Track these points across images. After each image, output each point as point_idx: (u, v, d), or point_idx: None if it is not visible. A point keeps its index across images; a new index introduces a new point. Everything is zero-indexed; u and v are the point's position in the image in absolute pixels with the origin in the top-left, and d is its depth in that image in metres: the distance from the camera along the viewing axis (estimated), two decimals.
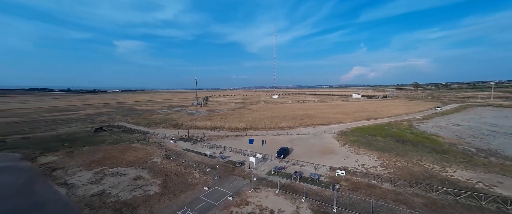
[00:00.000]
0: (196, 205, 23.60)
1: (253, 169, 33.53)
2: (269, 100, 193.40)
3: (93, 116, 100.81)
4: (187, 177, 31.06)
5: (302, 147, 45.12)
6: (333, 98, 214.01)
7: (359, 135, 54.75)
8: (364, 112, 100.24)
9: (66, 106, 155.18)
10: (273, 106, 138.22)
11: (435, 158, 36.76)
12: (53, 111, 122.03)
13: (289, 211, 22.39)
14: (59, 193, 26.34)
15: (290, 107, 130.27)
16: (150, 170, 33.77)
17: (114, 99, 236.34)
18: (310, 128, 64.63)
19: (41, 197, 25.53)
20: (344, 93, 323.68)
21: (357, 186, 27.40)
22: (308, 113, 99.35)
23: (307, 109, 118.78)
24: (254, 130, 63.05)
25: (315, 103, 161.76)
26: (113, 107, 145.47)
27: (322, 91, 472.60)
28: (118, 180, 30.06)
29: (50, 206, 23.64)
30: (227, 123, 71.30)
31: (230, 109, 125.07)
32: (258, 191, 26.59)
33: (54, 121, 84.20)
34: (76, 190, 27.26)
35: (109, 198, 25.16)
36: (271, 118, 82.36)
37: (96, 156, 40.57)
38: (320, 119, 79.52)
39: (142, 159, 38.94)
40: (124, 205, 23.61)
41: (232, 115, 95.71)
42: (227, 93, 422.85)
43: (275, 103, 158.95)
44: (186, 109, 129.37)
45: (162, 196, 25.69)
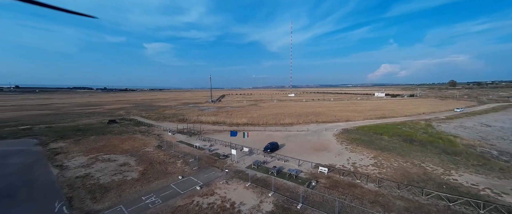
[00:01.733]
0: (163, 192, 23.89)
1: (234, 162, 32.96)
2: (283, 99, 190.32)
3: (114, 110, 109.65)
4: (168, 166, 31.74)
5: (295, 143, 43.19)
6: (352, 97, 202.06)
7: (363, 133, 50.59)
8: (380, 110, 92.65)
9: (95, 102, 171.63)
10: (284, 104, 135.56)
11: (441, 160, 32.11)
12: (83, 106, 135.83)
13: (251, 204, 21.37)
14: (51, 174, 28.91)
15: (302, 105, 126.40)
16: (138, 158, 35.29)
17: (139, 97, 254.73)
18: (313, 125, 61.72)
19: (35, 175, 28.30)
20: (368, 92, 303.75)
21: (337, 184, 25.12)
22: (318, 110, 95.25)
23: (318, 106, 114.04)
24: (254, 126, 62.30)
25: (330, 101, 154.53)
26: (135, 103, 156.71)
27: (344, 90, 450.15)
28: (106, 165, 31.95)
29: (37, 183, 26.03)
30: (229, 119, 71.66)
31: (240, 106, 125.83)
32: (229, 183, 25.97)
33: (80, 114, 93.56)
34: (66, 171, 29.66)
35: (90, 180, 26.81)
36: (276, 115, 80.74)
37: (98, 144, 43.82)
38: (328, 116, 75.65)
39: (136, 148, 40.94)
40: (99, 187, 24.91)
41: (239, 111, 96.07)
42: (245, 92, 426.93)
43: (288, 102, 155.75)
44: (200, 105, 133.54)
45: (137, 181, 26.57)
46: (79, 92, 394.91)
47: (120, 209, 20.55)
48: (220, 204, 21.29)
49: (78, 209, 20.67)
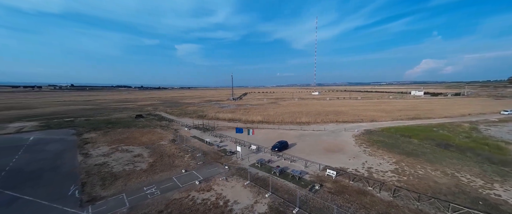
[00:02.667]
0: (164, 184, 24.52)
1: (239, 159, 32.40)
2: (305, 97, 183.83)
3: (144, 106, 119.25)
4: (176, 159, 32.71)
5: (307, 143, 40.75)
6: (383, 96, 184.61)
7: (388, 135, 45.28)
8: (415, 110, 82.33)
9: (131, 98, 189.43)
10: (305, 102, 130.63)
11: (483, 170, 26.60)
12: (120, 102, 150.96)
13: (245, 203, 20.47)
14: (76, 160, 32.25)
15: (324, 103, 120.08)
16: (152, 150, 37.24)
17: (169, 94, 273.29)
18: (331, 125, 57.72)
19: (62, 161, 31.91)
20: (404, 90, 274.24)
21: (344, 190, 22.59)
22: (340, 109, 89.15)
23: (342, 105, 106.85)
24: (268, 123, 61.01)
25: (356, 100, 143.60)
26: (163, 100, 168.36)
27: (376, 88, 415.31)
28: (123, 156, 34.41)
29: (62, 168, 29.25)
30: (245, 116, 71.57)
31: (260, 103, 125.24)
32: (229, 180, 25.47)
33: (115, 109, 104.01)
34: (88, 159, 32.76)
35: (105, 168, 29.08)
36: (293, 113, 77.98)
37: (122, 136, 47.70)
38: (350, 116, 70.10)
39: (153, 141, 43.36)
40: (110, 175, 26.79)
41: (256, 109, 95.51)
42: (268, 90, 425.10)
43: (310, 100, 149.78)
44: (221, 103, 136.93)
45: (144, 172, 27.88)
46: (120, 90, 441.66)
47: (122, 197, 21.67)
48: (214, 201, 20.89)
49: (87, 194, 22.45)
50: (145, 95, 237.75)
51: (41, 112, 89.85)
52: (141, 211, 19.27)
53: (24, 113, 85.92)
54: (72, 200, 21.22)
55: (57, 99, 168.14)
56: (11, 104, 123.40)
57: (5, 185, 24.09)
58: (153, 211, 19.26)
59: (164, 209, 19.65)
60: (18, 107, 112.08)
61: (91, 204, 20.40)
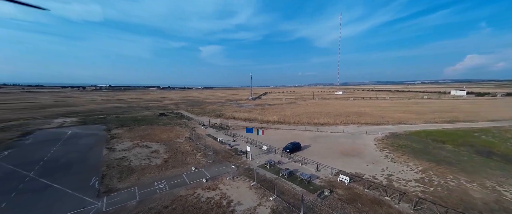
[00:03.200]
0: (173, 180, 25.31)
1: (249, 159, 32.06)
2: (327, 97, 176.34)
3: (168, 105, 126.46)
4: (188, 156, 33.67)
5: (322, 145, 38.69)
6: (417, 96, 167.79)
7: (417, 139, 40.74)
8: (453, 112, 73.03)
9: (157, 98, 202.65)
10: (326, 102, 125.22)
11: None
12: (148, 101, 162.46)
13: (248, 205, 20.00)
14: (101, 154, 35.25)
15: (347, 104, 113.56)
16: (168, 147, 38.97)
17: (192, 94, 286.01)
18: (352, 126, 54.13)
19: (90, 154, 35.15)
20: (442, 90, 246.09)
21: (356, 198, 20.71)
22: (364, 110, 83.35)
23: (366, 106, 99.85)
24: (283, 124, 59.66)
25: (384, 100, 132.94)
26: (186, 99, 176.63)
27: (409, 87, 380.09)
28: (141, 151, 36.62)
29: (89, 160, 32.18)
30: (261, 116, 71.09)
31: (278, 103, 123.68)
32: (235, 180, 25.27)
33: (143, 107, 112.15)
34: (112, 153, 35.57)
35: (124, 162, 31.20)
36: (311, 113, 75.21)
37: (144, 132, 50.99)
38: (374, 117, 65.03)
39: (171, 138, 45.42)
40: (127, 169, 28.61)
41: (274, 108, 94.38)
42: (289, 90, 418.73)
43: (331, 100, 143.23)
44: (240, 102, 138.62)
45: (157, 168, 29.20)
46: (149, 90, 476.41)
47: (134, 191, 22.91)
48: (217, 200, 20.85)
49: (105, 185, 24.25)
50: (170, 95, 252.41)
51: (81, 109, 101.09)
52: (148, 205, 20.09)
53: (67, 110, 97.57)
54: (91, 190, 23.10)
55: (96, 98, 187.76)
56: (59, 102, 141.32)
57: (41, 174, 27.33)
58: (159, 206, 19.93)
59: (170, 204, 20.21)
60: (64, 104, 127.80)
61: (107, 195, 21.94)
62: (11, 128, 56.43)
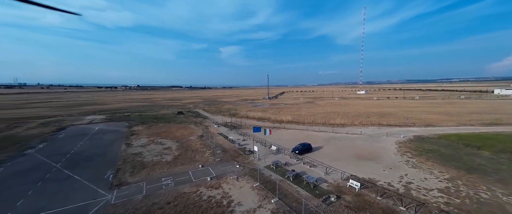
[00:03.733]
0: (180, 177, 25.88)
1: (256, 159, 31.55)
2: (348, 96, 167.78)
3: (187, 104, 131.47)
4: (197, 154, 34.30)
5: (336, 147, 36.58)
6: (452, 95, 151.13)
7: (446, 143, 36.39)
8: (495, 114, 64.14)
9: (178, 97, 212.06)
10: (346, 102, 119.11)
11: None
12: (169, 100, 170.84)
13: (248, 206, 19.51)
14: (119, 149, 37.64)
15: (369, 104, 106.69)
16: (180, 144, 40.21)
17: (211, 94, 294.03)
18: (372, 128, 50.52)
19: (111, 148, 37.73)
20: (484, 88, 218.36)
21: (366, 206, 18.97)
22: (388, 110, 77.39)
23: (391, 106, 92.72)
24: (297, 124, 57.95)
25: (413, 100, 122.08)
26: (205, 98, 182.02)
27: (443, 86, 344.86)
28: (155, 147, 38.32)
29: (108, 154, 34.53)
30: (275, 115, 69.98)
31: (295, 103, 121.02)
32: (239, 180, 24.97)
33: (164, 106, 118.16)
34: (129, 148, 37.79)
35: (138, 158, 32.87)
36: (328, 113, 71.96)
37: (161, 130, 53.47)
38: (398, 118, 60.02)
39: (184, 136, 46.88)
40: (140, 164, 30.03)
41: (289, 108, 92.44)
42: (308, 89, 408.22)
43: (353, 100, 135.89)
44: (256, 101, 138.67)
45: (167, 164, 30.18)
46: (172, 90, 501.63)
47: (142, 185, 23.89)
48: (218, 199, 20.73)
49: (117, 178, 25.72)
50: (190, 94, 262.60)
51: (110, 107, 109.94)
52: (152, 200, 20.74)
53: (98, 108, 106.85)
54: (105, 183, 24.65)
55: (124, 98, 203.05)
56: (93, 101, 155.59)
57: (65, 165, 30.02)
58: (163, 202, 20.45)
59: (172, 201, 20.63)
60: (96, 103, 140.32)
61: (117, 188, 23.21)
62: (50, 123, 63.46)
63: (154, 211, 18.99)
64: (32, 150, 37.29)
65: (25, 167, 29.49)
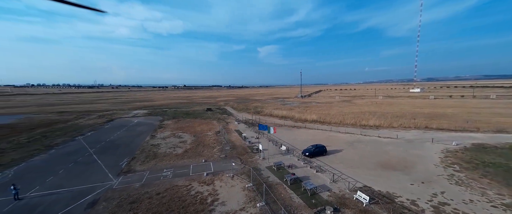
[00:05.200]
0: (180, 170, 26.38)
1: (260, 158, 29.74)
2: (396, 95, 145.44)
3: (220, 101, 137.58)
4: (206, 149, 34.69)
5: (358, 151, 31.44)
6: None
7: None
8: None
9: (214, 95, 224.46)
10: (392, 101, 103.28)
11: None
12: (205, 98, 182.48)
13: (230, 208, 18.13)
14: (144, 140, 41.45)
15: (420, 103, 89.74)
16: (196, 139, 41.60)
17: (245, 92, 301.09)
18: (414, 131, 41.99)
19: (138, 139, 41.87)
20: None
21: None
22: (443, 111, 63.33)
23: (449, 106, 75.75)
24: (321, 124, 52.90)
25: (486, 100, 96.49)
26: (237, 97, 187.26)
27: None
28: (173, 140, 40.68)
29: (133, 144, 38.31)
30: (300, 114, 65.73)
31: (328, 102, 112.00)
32: (234, 178, 23.79)
33: (198, 103, 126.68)
34: (151, 140, 41.20)
35: (154, 149, 35.35)
36: (362, 113, 63.49)
37: (185, 124, 56.91)
38: (456, 121, 48.17)
39: (203, 131, 48.48)
40: (153, 155, 32.13)
41: (319, 107, 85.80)
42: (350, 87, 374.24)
43: (401, 98, 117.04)
44: (286, 100, 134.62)
45: (175, 156, 31.39)
46: (212, 89, 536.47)
47: (144, 174, 25.29)
48: (204, 196, 20.05)
49: (128, 166, 28.02)
50: (226, 93, 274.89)
51: (154, 104, 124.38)
52: (146, 189, 21.60)
53: (146, 104, 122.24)
54: (117, 169, 27.19)
55: (169, 96, 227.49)
56: (144, 98, 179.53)
57: (97, 151, 34.68)
58: (153, 192, 21.05)
59: (162, 192, 21.01)
60: (146, 100, 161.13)
61: (124, 175, 25.21)
62: (104, 115, 75.68)
63: (142, 200, 19.66)
64: (82, 137, 44.76)
65: (70, 150, 35.40)
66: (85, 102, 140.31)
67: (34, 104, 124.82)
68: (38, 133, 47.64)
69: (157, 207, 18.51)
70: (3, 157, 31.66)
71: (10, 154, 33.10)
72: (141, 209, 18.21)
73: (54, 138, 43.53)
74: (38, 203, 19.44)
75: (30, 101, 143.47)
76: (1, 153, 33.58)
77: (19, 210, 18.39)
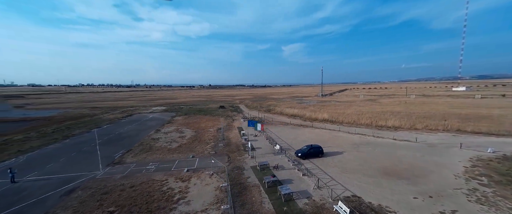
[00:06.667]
0: (164, 164, 26.14)
1: (249, 157, 27.95)
2: (434, 94, 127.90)
3: (236, 100, 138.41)
4: (199, 145, 34.18)
5: (361, 155, 27.51)
6: None
7: None
8: None
9: (234, 94, 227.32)
10: (425, 100, 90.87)
11: None
12: (225, 96, 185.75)
13: (193, 208, 16.90)
14: (148, 133, 42.89)
15: (459, 103, 76.84)
16: (196, 134, 41.50)
17: (265, 91, 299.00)
18: (442, 135, 35.75)
19: (143, 133, 43.50)
20: None
21: None
22: (489, 113, 52.98)
23: (497, 106, 62.97)
24: (332, 123, 48.55)
25: None
26: (255, 95, 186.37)
27: None
28: (174, 135, 41.15)
29: (136, 137, 39.72)
30: (312, 113, 61.56)
31: (350, 100, 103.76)
32: (212, 177, 22.53)
33: (216, 101, 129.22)
34: (155, 134, 42.30)
35: (152, 142, 36.03)
36: (382, 113, 56.73)
37: (192, 120, 57.78)
38: (502, 124, 39.34)
39: (206, 127, 48.38)
40: (148, 148, 32.66)
41: (336, 106, 79.71)
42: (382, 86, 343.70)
43: (438, 98, 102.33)
44: (305, 99, 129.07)
45: (168, 151, 31.47)
46: (235, 88, 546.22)
47: (130, 166, 25.64)
48: (173, 193, 19.20)
49: (121, 157, 28.88)
50: (246, 92, 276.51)
51: (176, 101, 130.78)
52: (123, 181, 21.68)
53: (167, 102, 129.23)
54: (109, 160, 28.17)
55: (192, 94, 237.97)
56: (169, 96, 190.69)
57: (102, 142, 36.89)
58: (128, 185, 20.96)
59: (137, 185, 20.81)
60: (170, 98, 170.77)
61: (111, 166, 25.96)
62: (126, 111, 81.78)
63: (114, 191, 19.69)
64: (97, 129, 48.52)
65: (81, 141, 38.40)
66: (118, 99, 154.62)
67: (77, 100, 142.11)
68: (65, 125, 53.27)
69: (124, 200, 18.28)
70: (24, 144, 35.78)
71: (33, 142, 37.30)
72: (108, 201, 18.18)
73: (75, 129, 48.01)
74: (27, 187, 20.94)
75: (75, 98, 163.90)
76: (26, 140, 38.09)
77: (9, 192, 20.00)
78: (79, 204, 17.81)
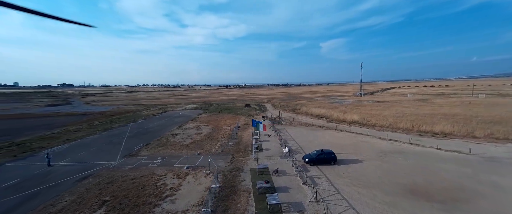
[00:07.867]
0: (170, 159, 26.86)
1: (252, 158, 26.39)
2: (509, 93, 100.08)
3: (265, 98, 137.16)
4: (209, 142, 34.36)
5: (386, 166, 22.78)
6: None
7: None
8: None
9: (265, 93, 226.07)
10: (498, 101, 72.25)
11: None
12: (255, 95, 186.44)
13: (176, 206, 16.47)
14: (170, 129, 45.68)
15: None
16: (212, 132, 42.24)
17: (297, 90, 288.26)
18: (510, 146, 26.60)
19: (166, 128, 46.62)
20: None
21: None
22: None
23: None
24: (361, 126, 42.72)
25: None
26: (286, 95, 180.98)
27: None
28: (192, 132, 42.71)
29: (159, 132, 42.64)
30: (341, 113, 55.55)
31: (394, 100, 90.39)
32: (208, 177, 21.89)
33: (245, 100, 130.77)
34: (176, 130, 44.78)
35: (170, 137, 38.08)
36: (431, 116, 47.30)
37: (215, 118, 59.30)
38: None
39: (225, 125, 48.80)
40: (164, 143, 34.56)
41: (373, 106, 70.04)
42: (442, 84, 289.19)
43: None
44: (340, 98, 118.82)
45: (180, 147, 32.57)
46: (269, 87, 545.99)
47: (140, 159, 27.33)
48: (164, 190, 19.26)
49: (137, 151, 31.19)
50: (278, 91, 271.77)
51: (208, 100, 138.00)
52: (128, 173, 23.01)
53: (201, 100, 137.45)
54: (127, 152, 30.71)
55: (226, 93, 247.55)
56: (204, 95, 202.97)
57: (130, 136, 40.73)
58: (130, 177, 22.16)
59: (138, 178, 21.77)
60: (204, 96, 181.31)
61: (126, 158, 28.15)
62: (164, 107, 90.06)
63: (117, 182, 20.99)
64: (132, 123, 54.42)
65: (115, 133, 43.43)
66: (162, 97, 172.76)
67: (129, 98, 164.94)
68: (110, 119, 61.73)
69: (121, 191, 19.26)
70: (74, 134, 42.56)
71: (80, 133, 44.11)
72: (108, 190, 19.44)
73: (116, 123, 54.99)
74: (56, 170, 24.36)
75: (129, 96, 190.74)
76: (77, 131, 45.32)
77: (42, 174, 23.57)
78: (85, 191, 19.59)
